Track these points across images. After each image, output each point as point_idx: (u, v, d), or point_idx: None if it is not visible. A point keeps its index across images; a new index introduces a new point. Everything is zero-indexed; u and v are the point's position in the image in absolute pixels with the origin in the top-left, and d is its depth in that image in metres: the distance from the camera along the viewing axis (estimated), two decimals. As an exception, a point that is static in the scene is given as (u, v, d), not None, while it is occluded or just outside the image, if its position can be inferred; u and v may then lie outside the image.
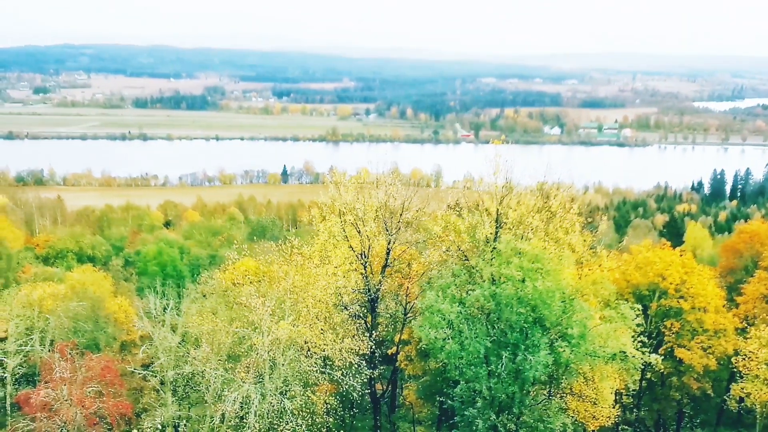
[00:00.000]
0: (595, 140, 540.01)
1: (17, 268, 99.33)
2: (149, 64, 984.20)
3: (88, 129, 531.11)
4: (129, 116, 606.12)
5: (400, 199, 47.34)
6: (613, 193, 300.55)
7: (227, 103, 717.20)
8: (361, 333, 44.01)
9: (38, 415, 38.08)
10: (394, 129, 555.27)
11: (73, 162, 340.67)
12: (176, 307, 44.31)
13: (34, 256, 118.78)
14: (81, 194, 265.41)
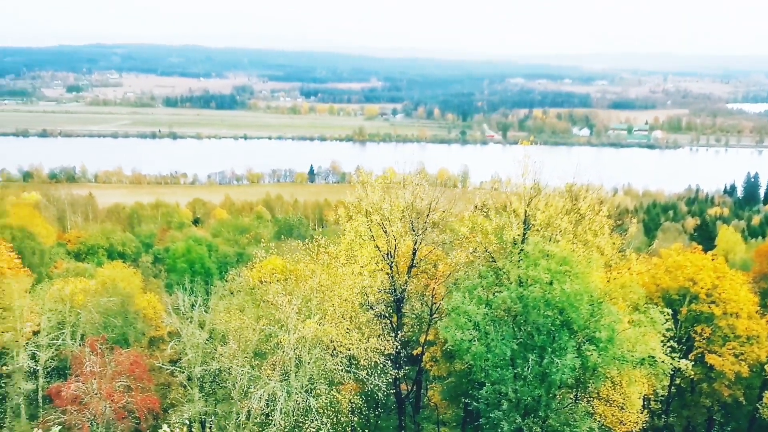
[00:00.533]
0: (624, 142, 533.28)
1: (50, 264, 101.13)
2: (179, 63, 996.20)
3: (120, 127, 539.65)
4: (159, 115, 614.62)
5: (426, 200, 47.23)
6: (642, 196, 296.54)
7: (255, 102, 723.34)
8: (387, 333, 44.02)
9: (69, 407, 38.70)
10: (421, 129, 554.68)
11: (105, 160, 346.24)
12: (204, 303, 44.79)
13: (66, 252, 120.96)
14: (112, 191, 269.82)
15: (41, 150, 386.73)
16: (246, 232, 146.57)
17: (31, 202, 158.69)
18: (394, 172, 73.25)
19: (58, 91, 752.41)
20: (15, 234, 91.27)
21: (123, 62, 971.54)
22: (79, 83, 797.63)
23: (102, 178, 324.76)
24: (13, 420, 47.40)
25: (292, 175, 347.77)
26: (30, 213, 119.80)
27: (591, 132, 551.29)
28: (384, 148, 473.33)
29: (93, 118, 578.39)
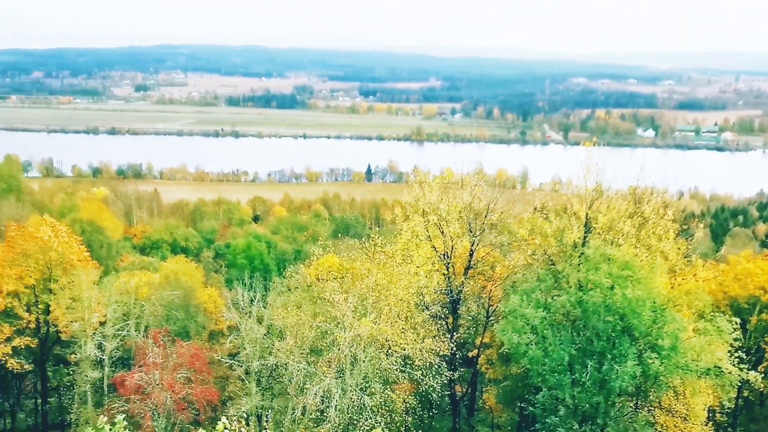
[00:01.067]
0: (692, 143, 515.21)
1: (116, 257, 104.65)
2: (242, 63, 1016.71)
3: (184, 126, 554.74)
4: (222, 114, 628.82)
5: (485, 200, 46.79)
6: (710, 200, 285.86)
7: (315, 102, 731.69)
8: (442, 334, 43.81)
9: (132, 397, 39.86)
10: (480, 129, 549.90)
11: (170, 157, 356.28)
12: (262, 299, 45.55)
13: (132, 246, 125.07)
14: (176, 188, 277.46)
15: (110, 147, 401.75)
16: (304, 229, 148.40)
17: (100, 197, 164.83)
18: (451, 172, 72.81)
19: (126, 91, 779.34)
20: (85, 227, 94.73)
21: (188, 62, 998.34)
22: (147, 83, 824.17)
23: (167, 174, 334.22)
24: (80, 407, 49.23)
25: (349, 174, 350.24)
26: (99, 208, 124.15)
27: (656, 133, 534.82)
28: (442, 148, 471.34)
29: (159, 117, 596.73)
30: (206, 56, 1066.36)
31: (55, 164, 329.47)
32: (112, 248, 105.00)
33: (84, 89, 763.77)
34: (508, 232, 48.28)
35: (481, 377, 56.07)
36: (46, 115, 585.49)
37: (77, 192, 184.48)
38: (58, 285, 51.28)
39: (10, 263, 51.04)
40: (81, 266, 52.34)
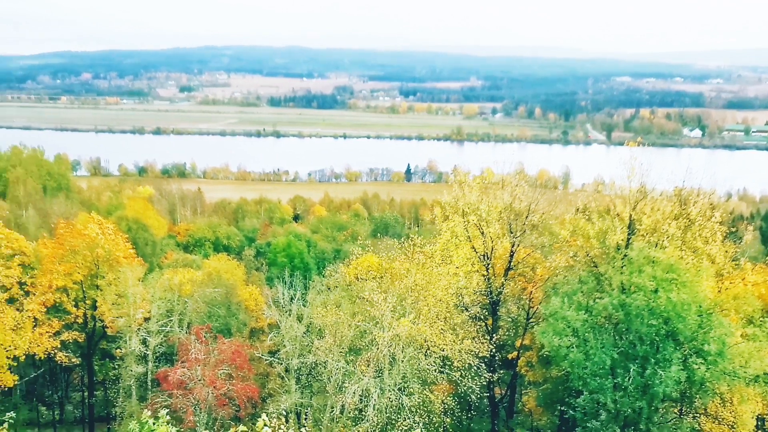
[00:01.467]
0: (741, 143, 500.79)
1: (161, 254, 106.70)
2: (284, 64, 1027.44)
3: (227, 126, 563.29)
4: (264, 114, 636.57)
5: (525, 201, 46.28)
6: (760, 201, 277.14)
7: (355, 102, 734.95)
8: (482, 335, 43.52)
9: (175, 392, 40.50)
10: (521, 129, 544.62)
11: (213, 156, 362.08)
12: (302, 297, 45.93)
13: (176, 244, 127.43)
14: (218, 187, 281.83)
15: (155, 147, 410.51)
16: (343, 229, 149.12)
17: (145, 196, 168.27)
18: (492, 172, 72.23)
19: (171, 91, 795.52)
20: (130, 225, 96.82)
21: (231, 63, 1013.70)
22: (191, 83, 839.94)
23: (210, 174, 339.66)
24: (125, 400, 50.42)
25: (389, 173, 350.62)
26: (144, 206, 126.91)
27: (703, 133, 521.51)
28: (482, 148, 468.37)
29: (202, 117, 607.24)
30: (249, 57, 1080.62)
31: (103, 163, 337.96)
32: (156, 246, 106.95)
33: (131, 90, 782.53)
34: (550, 233, 47.59)
35: (521, 379, 55.54)
36: (95, 115, 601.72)
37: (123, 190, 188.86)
38: (104, 281, 52.60)
39: (60, 259, 52.57)
40: (127, 263, 53.58)
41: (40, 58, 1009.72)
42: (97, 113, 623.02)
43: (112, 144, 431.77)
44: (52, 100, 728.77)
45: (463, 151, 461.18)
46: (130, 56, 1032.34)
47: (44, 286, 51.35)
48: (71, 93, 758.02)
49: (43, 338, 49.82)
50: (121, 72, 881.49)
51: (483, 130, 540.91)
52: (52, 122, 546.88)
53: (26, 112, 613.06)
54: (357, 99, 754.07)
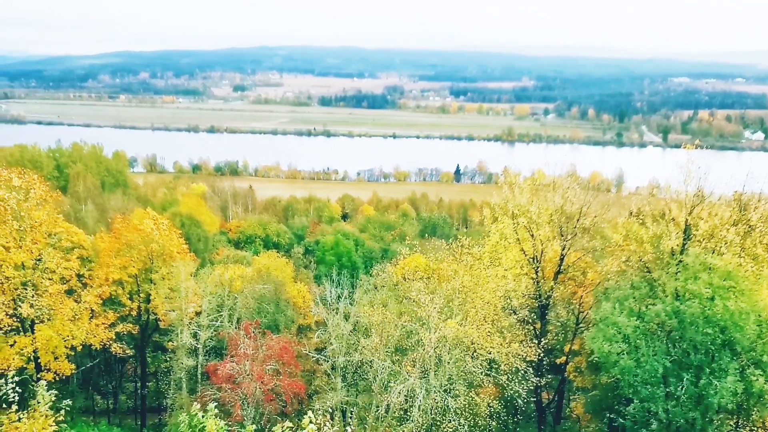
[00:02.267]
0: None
1: (212, 250, 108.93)
2: (335, 64, 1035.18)
3: (279, 125, 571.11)
4: (315, 114, 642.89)
5: (577, 204, 45.42)
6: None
7: (405, 102, 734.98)
8: (530, 339, 42.97)
9: (223, 385, 41.25)
10: (574, 130, 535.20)
11: (264, 155, 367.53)
12: (349, 296, 46.18)
13: (227, 240, 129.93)
14: (269, 185, 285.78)
15: (209, 145, 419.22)
16: (391, 229, 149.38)
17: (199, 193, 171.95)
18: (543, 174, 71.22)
19: (225, 90, 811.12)
20: (184, 221, 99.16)
21: (284, 63, 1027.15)
22: (245, 83, 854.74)
23: (261, 172, 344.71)
24: (176, 392, 51.59)
25: (438, 174, 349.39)
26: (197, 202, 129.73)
27: (766, 136, 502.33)
28: (533, 149, 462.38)
29: (255, 116, 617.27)
30: (301, 57, 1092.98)
31: (159, 160, 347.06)
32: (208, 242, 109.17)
33: (186, 89, 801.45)
34: (601, 237, 46.63)
35: (569, 385, 54.57)
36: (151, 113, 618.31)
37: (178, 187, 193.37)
38: (158, 275, 53.89)
39: (116, 253, 54.08)
40: (180, 258, 54.67)
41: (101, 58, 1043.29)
42: (154, 112, 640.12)
43: (168, 142, 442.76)
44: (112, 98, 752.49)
45: (514, 152, 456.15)
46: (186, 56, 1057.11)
47: (101, 279, 52.90)
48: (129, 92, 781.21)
49: (99, 329, 51.29)
50: (178, 71, 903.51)
51: (534, 131, 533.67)
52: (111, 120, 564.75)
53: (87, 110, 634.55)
54: (407, 99, 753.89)
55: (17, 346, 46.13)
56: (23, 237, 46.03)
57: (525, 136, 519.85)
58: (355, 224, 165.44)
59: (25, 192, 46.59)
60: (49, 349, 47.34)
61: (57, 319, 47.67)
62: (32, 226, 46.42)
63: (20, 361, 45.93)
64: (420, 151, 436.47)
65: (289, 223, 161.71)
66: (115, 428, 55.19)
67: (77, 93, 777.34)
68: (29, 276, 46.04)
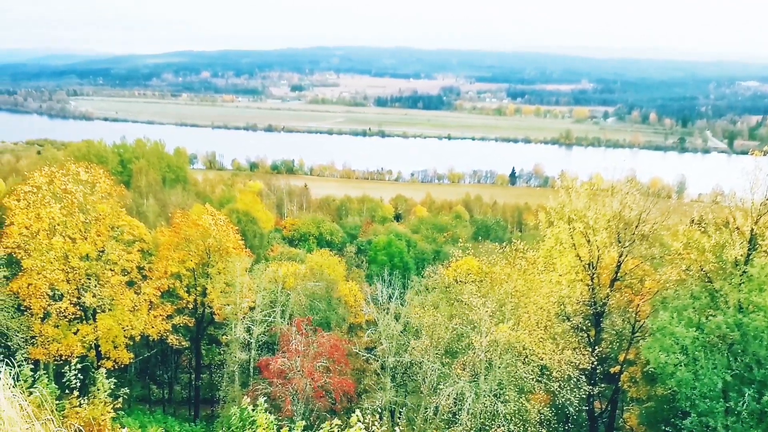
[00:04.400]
0: None
1: (267, 247, 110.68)
2: (392, 65, 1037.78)
3: (334, 124, 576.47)
4: (370, 114, 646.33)
5: (636, 210, 44.24)
6: None
7: (461, 103, 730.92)
8: (583, 346, 42.14)
9: (274, 380, 41.83)
10: (634, 134, 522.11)
11: (320, 154, 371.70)
12: (401, 297, 46.20)
13: (282, 237, 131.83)
14: (324, 184, 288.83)
15: (266, 143, 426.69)
16: (444, 230, 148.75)
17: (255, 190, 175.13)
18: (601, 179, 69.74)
19: (283, 90, 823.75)
20: (240, 218, 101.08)
21: (341, 63, 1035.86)
22: (302, 83, 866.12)
23: (316, 171, 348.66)
24: (228, 385, 52.60)
25: (492, 176, 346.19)
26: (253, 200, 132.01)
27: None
28: (591, 153, 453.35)
29: (311, 116, 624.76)
30: (358, 57, 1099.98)
31: (218, 158, 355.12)
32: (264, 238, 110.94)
33: (245, 88, 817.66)
34: (661, 244, 45.30)
35: (623, 395, 53.27)
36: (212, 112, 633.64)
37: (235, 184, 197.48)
38: (214, 270, 55.12)
39: (175, 247, 55.58)
40: (235, 254, 55.80)
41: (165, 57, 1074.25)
42: (214, 110, 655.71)
43: (227, 140, 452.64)
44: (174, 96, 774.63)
45: (571, 156, 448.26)
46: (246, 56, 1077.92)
47: (160, 272, 54.44)
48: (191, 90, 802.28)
49: (157, 321, 52.81)
50: (238, 71, 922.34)
51: (593, 135, 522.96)
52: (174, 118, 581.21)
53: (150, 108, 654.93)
54: (463, 100, 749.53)
55: (80, 334, 47.96)
56: (88, 229, 47.80)
57: (583, 139, 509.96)
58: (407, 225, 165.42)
59: (91, 186, 48.37)
60: (110, 338, 49.04)
61: (117, 309, 49.34)
62: (97, 219, 48.18)
63: (82, 349, 47.74)
64: (475, 152, 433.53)
65: (342, 222, 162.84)
66: (169, 417, 56.66)
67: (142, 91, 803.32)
68: (93, 267, 47.78)
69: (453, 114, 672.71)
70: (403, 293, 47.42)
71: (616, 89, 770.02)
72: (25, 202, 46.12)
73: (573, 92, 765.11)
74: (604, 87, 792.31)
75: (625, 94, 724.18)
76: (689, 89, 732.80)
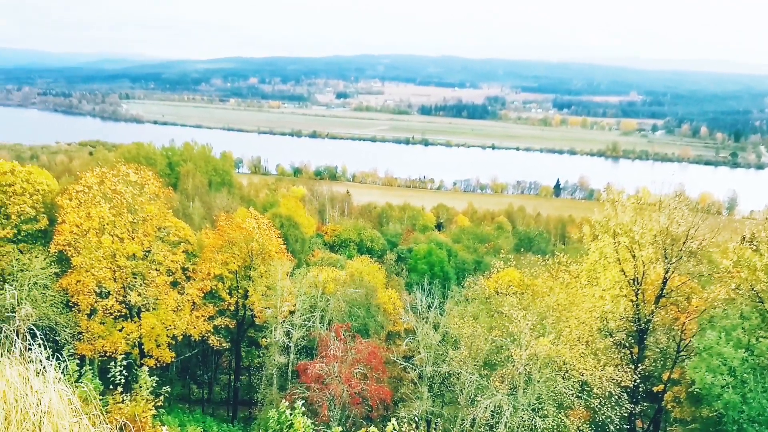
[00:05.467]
0: None
1: (308, 252, 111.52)
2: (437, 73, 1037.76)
3: (378, 132, 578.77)
4: (414, 122, 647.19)
5: (684, 225, 43.14)
6: None
7: (506, 113, 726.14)
8: (625, 364, 41.18)
9: (312, 385, 42.08)
10: (684, 148, 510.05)
11: (362, 161, 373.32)
12: (440, 306, 45.99)
13: (323, 243, 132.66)
14: (366, 191, 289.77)
15: (310, 149, 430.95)
16: (485, 241, 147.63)
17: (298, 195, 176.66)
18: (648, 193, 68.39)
19: (328, 97, 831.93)
20: (283, 222, 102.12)
21: (386, 71, 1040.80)
22: (347, 90, 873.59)
23: (358, 178, 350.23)
24: (266, 388, 53.11)
25: (536, 187, 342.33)
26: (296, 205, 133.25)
27: None
28: (639, 166, 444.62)
29: (356, 123, 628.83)
30: (404, 66, 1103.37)
31: (263, 162, 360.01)
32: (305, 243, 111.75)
33: (292, 95, 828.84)
34: (709, 261, 44.06)
35: (666, 415, 51.81)
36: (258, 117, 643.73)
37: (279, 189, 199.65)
38: (256, 273, 55.79)
39: (218, 249, 56.47)
40: (277, 258, 56.36)
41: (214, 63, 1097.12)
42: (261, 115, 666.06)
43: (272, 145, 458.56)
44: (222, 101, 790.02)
45: (618, 169, 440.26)
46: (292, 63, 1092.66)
47: (203, 273, 55.35)
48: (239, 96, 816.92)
49: (199, 321, 53.68)
50: (284, 77, 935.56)
51: (641, 148, 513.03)
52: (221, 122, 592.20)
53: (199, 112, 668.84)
54: (508, 110, 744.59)
55: (125, 332, 49.06)
56: (136, 229, 48.94)
57: (630, 152, 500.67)
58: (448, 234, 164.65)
59: (140, 187, 49.55)
60: (153, 336, 50.05)
61: (161, 308, 50.34)
62: (144, 220, 49.30)
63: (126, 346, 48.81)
64: (519, 163, 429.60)
65: (383, 229, 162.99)
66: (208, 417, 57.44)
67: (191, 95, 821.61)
68: (139, 266, 48.86)
69: (498, 124, 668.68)
70: (442, 303, 47.16)
71: (666, 102, 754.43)
72: (77, 201, 47.52)
73: (621, 104, 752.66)
74: (654, 99, 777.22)
75: (675, 107, 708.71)
76: (743, 103, 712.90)
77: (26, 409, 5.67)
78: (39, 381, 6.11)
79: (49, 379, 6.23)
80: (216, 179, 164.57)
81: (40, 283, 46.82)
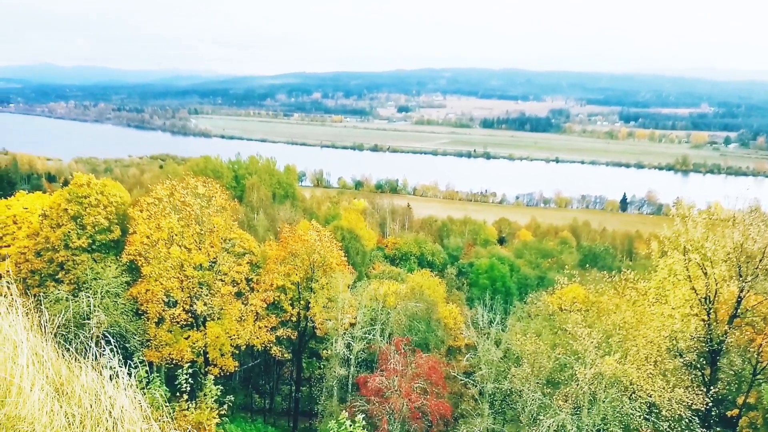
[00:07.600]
0: None
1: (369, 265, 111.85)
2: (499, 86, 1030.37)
3: (439, 145, 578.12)
4: (476, 135, 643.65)
5: (760, 242, 41.25)
6: None
7: (571, 126, 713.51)
8: (697, 386, 39.51)
9: (372, 398, 42.05)
10: (759, 161, 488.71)
11: (423, 174, 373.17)
12: (502, 322, 45.34)
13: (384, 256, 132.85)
14: (426, 204, 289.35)
15: (372, 163, 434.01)
16: (549, 256, 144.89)
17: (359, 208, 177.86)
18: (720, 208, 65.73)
19: (390, 111, 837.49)
20: (344, 235, 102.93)
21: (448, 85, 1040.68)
22: (409, 104, 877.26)
23: (419, 191, 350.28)
24: (327, 399, 53.42)
25: (602, 202, 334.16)
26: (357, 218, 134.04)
27: None
28: (710, 180, 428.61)
29: (417, 136, 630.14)
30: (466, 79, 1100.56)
31: (325, 176, 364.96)
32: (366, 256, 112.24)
33: (354, 109, 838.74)
34: (788, 281, 41.96)
35: (741, 441, 49.38)
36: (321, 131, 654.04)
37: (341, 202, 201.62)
38: (318, 285, 56.38)
39: (281, 261, 57.41)
40: (338, 270, 56.82)
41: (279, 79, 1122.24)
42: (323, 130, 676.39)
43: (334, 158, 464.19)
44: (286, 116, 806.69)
45: (688, 183, 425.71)
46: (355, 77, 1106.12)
47: (266, 284, 56.35)
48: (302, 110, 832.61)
49: (261, 331, 54.60)
50: (347, 92, 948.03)
51: (712, 161, 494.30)
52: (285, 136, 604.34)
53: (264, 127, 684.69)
54: (573, 123, 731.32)
55: (191, 340, 50.35)
56: (203, 240, 50.30)
57: (701, 165, 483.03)
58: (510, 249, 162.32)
59: (208, 199, 50.96)
60: (217, 345, 51.18)
61: (226, 318, 51.47)
62: (211, 231, 50.62)
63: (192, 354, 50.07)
64: (584, 177, 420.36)
65: (444, 243, 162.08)
66: (269, 427, 58.19)
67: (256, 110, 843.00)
68: (205, 276, 50.15)
69: (561, 137, 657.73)
70: (504, 318, 46.53)
71: (739, 113, 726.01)
72: (148, 212, 49.25)
73: (691, 116, 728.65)
74: (726, 111, 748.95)
75: (749, 119, 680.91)
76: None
77: (99, 415, 5.86)
78: (112, 387, 6.31)
79: (122, 385, 6.43)
80: (280, 192, 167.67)
81: (112, 291, 48.66)
